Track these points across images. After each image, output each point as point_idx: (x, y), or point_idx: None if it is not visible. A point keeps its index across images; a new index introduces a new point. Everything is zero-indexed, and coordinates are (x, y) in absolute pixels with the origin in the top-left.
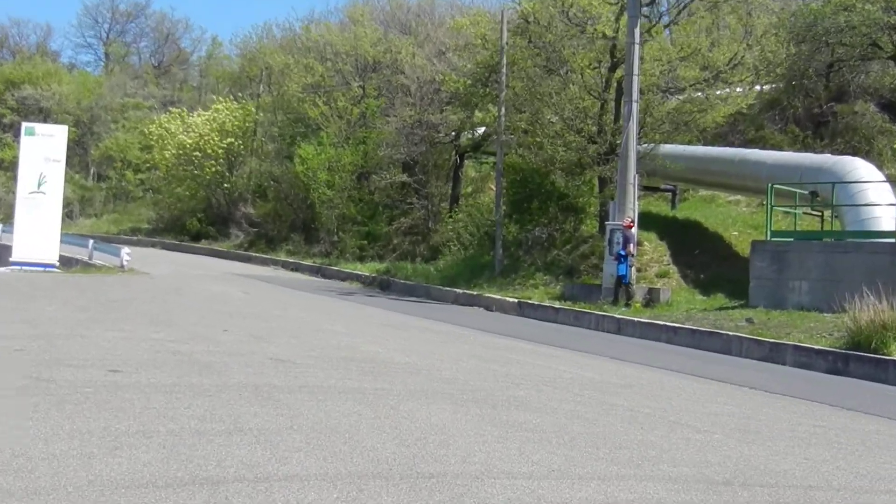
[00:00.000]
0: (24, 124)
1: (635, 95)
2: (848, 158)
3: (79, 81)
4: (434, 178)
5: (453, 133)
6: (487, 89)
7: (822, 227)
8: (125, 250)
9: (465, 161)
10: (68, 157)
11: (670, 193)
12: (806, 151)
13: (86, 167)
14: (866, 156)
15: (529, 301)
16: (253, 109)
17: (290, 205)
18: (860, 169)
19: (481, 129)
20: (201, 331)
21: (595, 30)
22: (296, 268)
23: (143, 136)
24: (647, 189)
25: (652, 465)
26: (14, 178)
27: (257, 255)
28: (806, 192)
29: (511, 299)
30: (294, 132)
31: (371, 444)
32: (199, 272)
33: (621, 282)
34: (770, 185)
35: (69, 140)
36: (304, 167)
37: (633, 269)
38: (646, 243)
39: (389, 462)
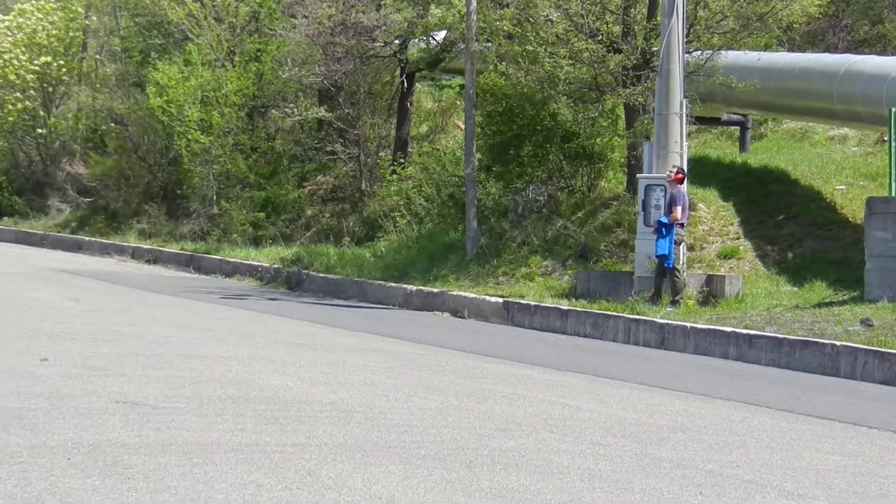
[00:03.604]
0: None
1: None
2: None
3: None
4: (369, 114)
5: (397, 41)
6: None
7: None
8: None
9: (417, 85)
10: None
11: (738, 128)
12: None
13: None
14: None
15: (521, 301)
16: (81, 10)
17: (142, 160)
18: None
19: (441, 35)
20: (4, 362)
21: None
22: (155, 258)
23: None
24: (701, 122)
25: None
26: None
27: (93, 238)
28: None
29: (493, 298)
30: (147, 45)
31: None
32: None
33: (664, 267)
34: (893, 109)
35: None
36: (163, 99)
37: (684, 246)
38: (702, 206)
39: None
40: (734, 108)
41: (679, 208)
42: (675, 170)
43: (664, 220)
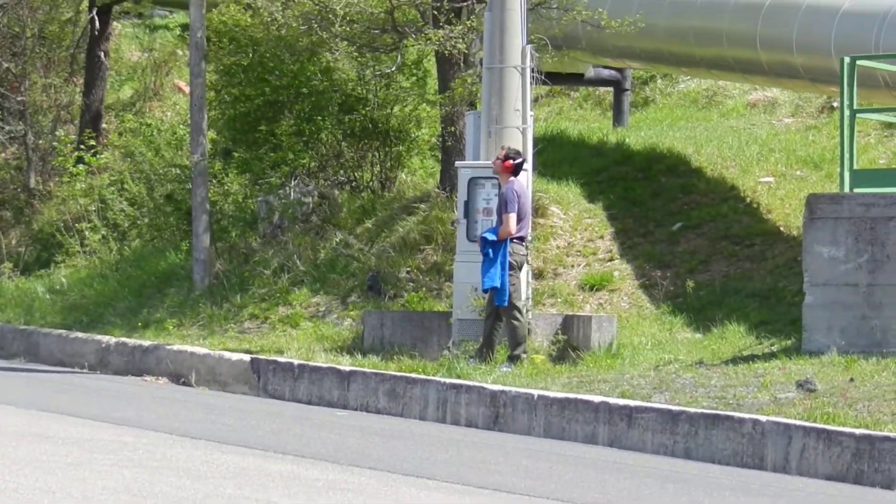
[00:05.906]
0: None
1: None
2: None
3: None
4: (40, 70)
5: None
6: None
7: None
8: None
9: (116, 25)
10: None
11: (612, 90)
12: None
13: None
14: None
15: (280, 359)
16: None
17: None
18: None
19: None
20: None
21: None
22: None
23: None
24: (556, 80)
25: None
26: None
27: None
28: None
29: (236, 356)
30: None
31: None
32: None
33: (497, 305)
34: (846, 59)
35: None
36: None
37: (527, 272)
38: (555, 210)
39: None
40: (605, 60)
41: (512, 215)
42: (506, 154)
43: (491, 234)
